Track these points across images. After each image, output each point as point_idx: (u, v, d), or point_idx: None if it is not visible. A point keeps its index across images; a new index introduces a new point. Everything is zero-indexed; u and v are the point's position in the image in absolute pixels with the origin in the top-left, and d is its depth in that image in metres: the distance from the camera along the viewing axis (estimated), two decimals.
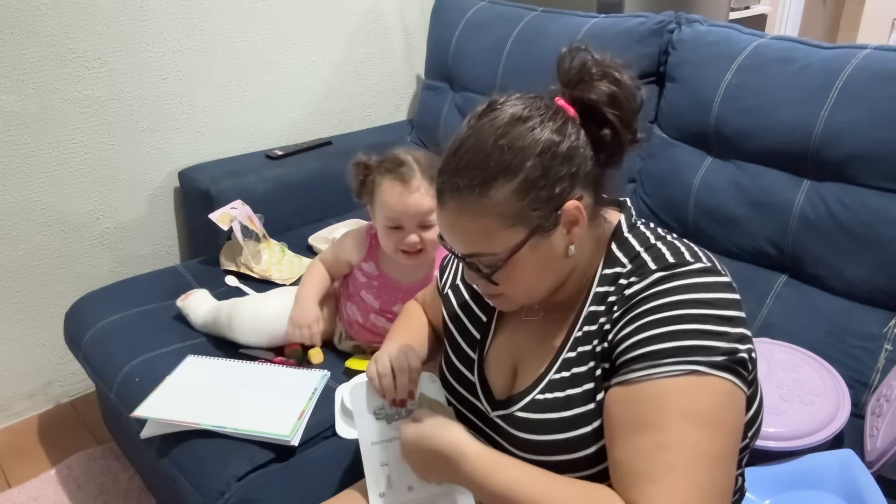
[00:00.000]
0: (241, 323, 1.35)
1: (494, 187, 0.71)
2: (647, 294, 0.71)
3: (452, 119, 2.00)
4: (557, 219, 0.73)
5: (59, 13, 1.62)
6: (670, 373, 0.67)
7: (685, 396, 0.67)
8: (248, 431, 1.14)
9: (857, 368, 1.21)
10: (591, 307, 0.77)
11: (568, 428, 0.75)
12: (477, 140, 0.73)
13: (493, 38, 1.88)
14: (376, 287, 1.34)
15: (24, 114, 1.64)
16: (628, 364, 0.70)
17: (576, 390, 0.75)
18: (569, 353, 0.78)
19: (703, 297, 0.70)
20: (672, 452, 0.66)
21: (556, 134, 0.71)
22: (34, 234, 1.74)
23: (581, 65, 0.75)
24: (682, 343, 0.67)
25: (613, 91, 0.73)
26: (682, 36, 1.53)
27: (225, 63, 1.92)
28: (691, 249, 0.75)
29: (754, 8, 3.09)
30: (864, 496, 0.97)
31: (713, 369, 0.67)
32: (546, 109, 0.73)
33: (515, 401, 0.81)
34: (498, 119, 0.73)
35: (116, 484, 1.65)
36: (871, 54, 1.27)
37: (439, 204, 0.76)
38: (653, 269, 0.72)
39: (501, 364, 0.87)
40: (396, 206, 1.20)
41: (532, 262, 0.74)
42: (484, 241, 0.74)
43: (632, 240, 0.78)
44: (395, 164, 1.20)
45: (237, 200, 1.72)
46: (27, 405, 1.88)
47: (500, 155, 0.71)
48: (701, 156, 1.46)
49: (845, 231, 1.25)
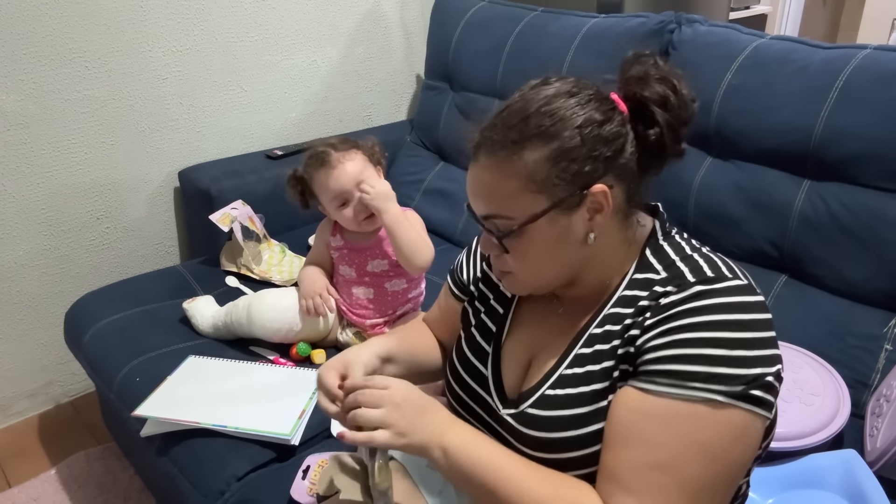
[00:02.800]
0: (261, 314, 1.36)
1: (528, 148, 0.72)
2: (684, 308, 0.69)
3: (452, 119, 2.01)
4: (582, 199, 0.73)
5: (59, 13, 1.62)
6: (689, 397, 0.67)
7: (695, 424, 0.67)
8: (248, 430, 1.15)
9: (857, 368, 1.21)
10: (616, 308, 0.76)
11: (577, 425, 0.75)
12: (523, 105, 0.74)
13: (493, 38, 1.88)
14: (346, 254, 1.42)
15: (24, 114, 1.64)
16: (652, 375, 0.69)
17: (588, 388, 0.75)
18: (583, 348, 0.77)
19: (739, 318, 0.68)
20: (663, 474, 0.66)
21: (600, 114, 0.73)
22: (34, 234, 1.75)
23: (643, 68, 0.76)
24: (708, 369, 0.66)
25: (668, 94, 0.74)
26: (682, 36, 1.53)
27: (225, 63, 1.92)
28: (728, 264, 0.74)
29: (754, 8, 3.09)
30: (866, 497, 0.97)
31: (731, 399, 0.66)
32: (597, 93, 0.75)
33: (525, 397, 0.80)
34: (547, 90, 0.74)
35: (116, 484, 1.65)
36: (871, 54, 1.27)
37: (473, 159, 0.77)
38: (691, 282, 0.71)
39: (516, 360, 0.86)
40: (331, 185, 1.33)
41: (547, 237, 0.74)
42: (505, 203, 0.74)
43: (667, 248, 0.77)
44: (314, 159, 1.35)
45: (238, 201, 1.72)
46: (27, 405, 1.88)
47: (539, 119, 0.72)
48: (701, 156, 1.46)
49: (845, 231, 1.25)
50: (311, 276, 1.43)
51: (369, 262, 1.40)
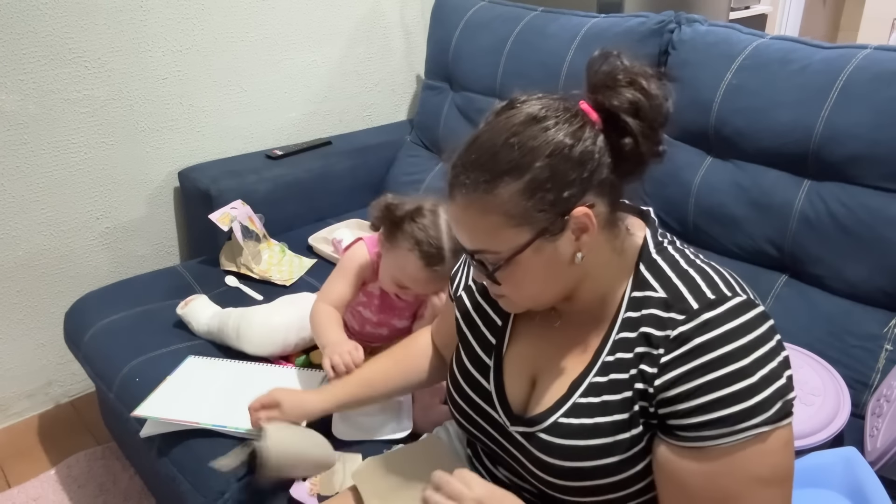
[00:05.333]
0: (250, 335, 1.33)
1: (501, 185, 0.70)
2: (696, 344, 0.69)
3: (452, 119, 2.01)
4: (565, 224, 0.71)
5: (59, 13, 1.62)
6: (738, 441, 0.67)
7: (758, 461, 0.68)
8: (248, 431, 1.14)
9: (857, 368, 1.21)
10: (623, 333, 0.76)
11: (596, 456, 0.74)
12: (490, 137, 0.72)
13: (493, 38, 1.88)
14: (377, 305, 1.35)
15: (23, 114, 1.64)
16: (697, 429, 0.68)
17: (606, 419, 0.74)
18: (597, 377, 0.76)
19: (751, 339, 0.68)
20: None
21: (569, 137, 0.70)
22: (34, 234, 1.74)
23: (609, 70, 0.73)
24: (746, 405, 0.67)
25: (638, 99, 0.71)
26: (682, 36, 1.53)
27: (225, 63, 1.92)
28: (724, 278, 0.74)
29: (754, 8, 3.09)
30: (867, 494, 0.97)
31: (774, 424, 0.67)
32: (565, 112, 0.71)
33: (538, 420, 0.79)
34: (514, 117, 0.72)
35: (116, 484, 1.65)
36: (871, 54, 1.27)
37: (449, 197, 0.75)
38: (695, 310, 0.70)
39: (519, 374, 0.85)
40: (411, 279, 1.20)
41: (536, 265, 0.73)
42: (488, 239, 0.73)
43: (661, 262, 0.76)
44: (431, 247, 1.15)
45: (237, 200, 1.72)
46: (27, 405, 1.88)
47: (509, 153, 0.70)
48: (701, 156, 1.46)
49: (845, 231, 1.25)
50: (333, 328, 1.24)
51: (395, 319, 1.36)
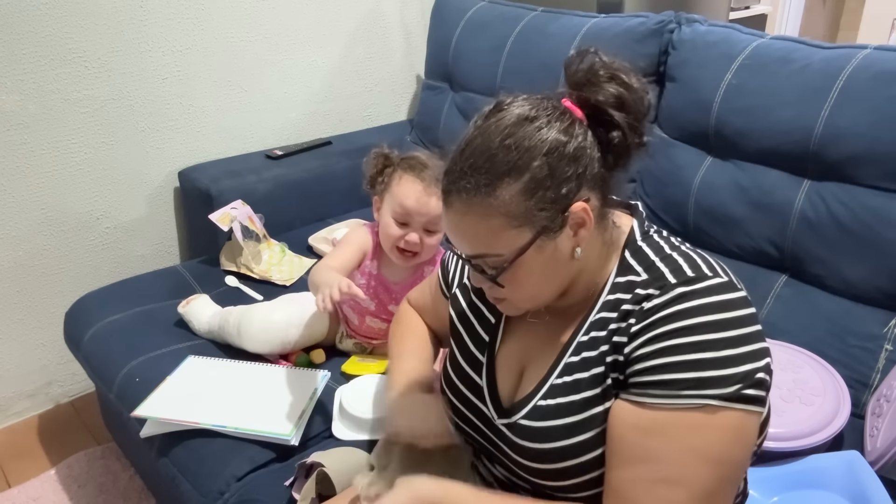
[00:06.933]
0: (251, 332, 1.33)
1: (501, 187, 0.70)
2: (668, 312, 0.69)
3: (452, 119, 2.01)
4: (564, 220, 0.72)
5: (59, 13, 1.62)
6: (683, 406, 0.67)
7: (694, 432, 0.67)
8: (248, 431, 1.15)
9: (857, 368, 1.21)
10: (601, 314, 0.76)
11: (570, 434, 0.75)
12: (483, 140, 0.72)
13: (493, 38, 1.88)
14: (373, 287, 1.36)
15: (23, 114, 1.64)
16: (644, 387, 0.69)
17: (577, 396, 0.75)
18: (571, 357, 0.77)
19: (722, 317, 0.68)
20: (672, 487, 0.67)
21: (562, 134, 0.71)
22: (34, 234, 1.74)
23: (589, 67, 0.74)
24: (700, 374, 0.67)
25: (621, 93, 0.72)
26: (682, 36, 1.53)
27: (225, 63, 1.92)
28: (707, 262, 0.74)
29: (754, 8, 3.09)
30: (869, 499, 0.97)
31: (726, 402, 0.66)
32: (553, 110, 0.72)
33: (518, 408, 0.80)
34: (504, 119, 0.72)
35: (116, 484, 1.65)
36: (871, 54, 1.27)
37: (445, 205, 0.75)
38: (672, 283, 0.71)
39: (509, 369, 0.86)
40: (412, 203, 1.23)
41: (538, 264, 0.74)
42: (490, 242, 0.73)
43: (646, 248, 0.77)
44: (420, 164, 1.25)
45: (237, 200, 1.72)
46: (27, 405, 1.88)
47: (506, 154, 0.70)
48: (701, 156, 1.46)
49: (845, 231, 1.25)
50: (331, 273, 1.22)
51: (392, 304, 1.36)
